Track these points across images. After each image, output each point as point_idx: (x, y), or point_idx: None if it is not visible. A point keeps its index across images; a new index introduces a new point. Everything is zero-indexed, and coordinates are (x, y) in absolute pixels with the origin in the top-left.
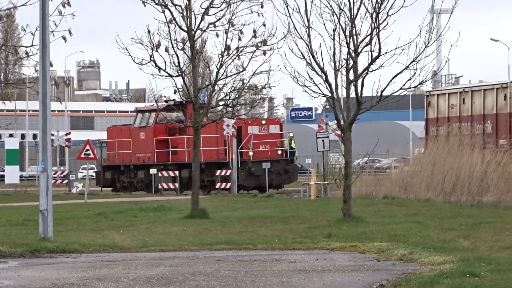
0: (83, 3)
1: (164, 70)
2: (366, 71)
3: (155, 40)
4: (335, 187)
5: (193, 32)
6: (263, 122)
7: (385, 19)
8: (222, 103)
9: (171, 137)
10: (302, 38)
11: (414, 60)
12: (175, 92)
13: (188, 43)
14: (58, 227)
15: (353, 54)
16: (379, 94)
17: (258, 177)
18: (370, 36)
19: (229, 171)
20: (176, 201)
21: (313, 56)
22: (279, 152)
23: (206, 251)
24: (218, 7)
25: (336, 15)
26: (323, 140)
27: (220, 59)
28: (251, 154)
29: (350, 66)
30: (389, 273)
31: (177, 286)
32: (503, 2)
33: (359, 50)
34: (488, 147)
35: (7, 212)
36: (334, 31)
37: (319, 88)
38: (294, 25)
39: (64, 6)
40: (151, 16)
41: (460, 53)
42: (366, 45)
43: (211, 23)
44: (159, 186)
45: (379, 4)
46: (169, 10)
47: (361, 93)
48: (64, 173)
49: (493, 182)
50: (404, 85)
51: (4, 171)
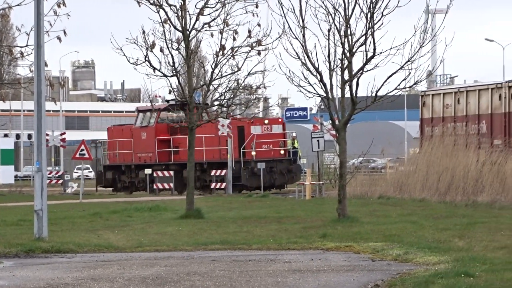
0: (78, 3)
1: (159, 70)
2: (361, 71)
3: (149, 40)
4: (330, 187)
5: (188, 32)
6: (266, 121)
7: (379, 19)
8: (217, 103)
9: (172, 136)
10: (297, 38)
11: (409, 60)
12: (170, 92)
13: (183, 43)
14: (53, 227)
15: (348, 54)
16: (374, 94)
17: (261, 177)
18: (365, 36)
19: (223, 171)
20: (171, 201)
21: (308, 56)
22: (282, 152)
23: (201, 251)
24: (213, 7)
25: (331, 15)
26: (318, 140)
27: (215, 59)
28: (253, 154)
29: (345, 66)
30: (384, 273)
31: (172, 286)
32: (498, 2)
33: (354, 50)
34: (483, 147)
35: (2, 212)
36: (329, 31)
37: (314, 88)
38: (289, 25)
39: (59, 6)
40: (146, 16)
41: (455, 53)
42: (361, 45)
43: (206, 23)
44: (154, 186)
45: (373, 4)
46: (163, 10)
47: (356, 93)
48: (59, 173)
49: (488, 182)
50: (399, 85)
51: None
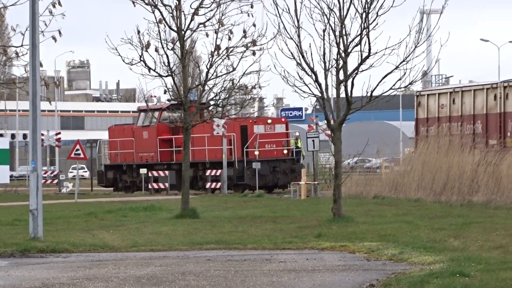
0: (74, 3)
1: (154, 70)
2: (356, 71)
3: (145, 40)
4: (325, 187)
5: (183, 32)
6: (269, 121)
7: (374, 19)
8: (212, 103)
9: (174, 136)
10: (292, 39)
11: (404, 60)
12: (165, 92)
13: (178, 43)
14: (48, 227)
15: (343, 54)
16: (369, 94)
17: (264, 176)
18: (360, 36)
19: (219, 171)
20: (166, 200)
21: (303, 56)
22: (285, 151)
23: (196, 251)
24: (208, 7)
25: (326, 15)
26: (313, 140)
27: (210, 59)
28: (257, 153)
29: (340, 66)
30: (379, 273)
31: (167, 286)
32: (493, 2)
33: (349, 50)
34: (478, 147)
35: None
36: (324, 31)
37: (309, 88)
38: (284, 25)
39: (54, 6)
40: (141, 16)
41: (450, 53)
42: (356, 45)
43: (201, 23)
44: (149, 186)
45: (368, 4)
46: (159, 10)
47: (351, 93)
48: (54, 173)
49: (483, 182)
50: (394, 85)
51: None
